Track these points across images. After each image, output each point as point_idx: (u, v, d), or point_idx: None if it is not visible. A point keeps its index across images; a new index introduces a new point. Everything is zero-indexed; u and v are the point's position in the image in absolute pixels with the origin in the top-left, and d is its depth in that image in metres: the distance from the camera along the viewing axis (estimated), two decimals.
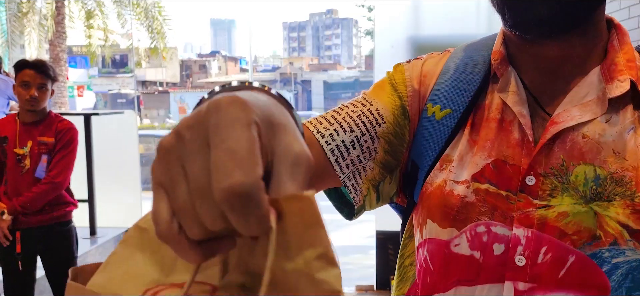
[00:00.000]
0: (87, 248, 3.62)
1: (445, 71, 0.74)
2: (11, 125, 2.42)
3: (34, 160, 2.39)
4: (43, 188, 2.38)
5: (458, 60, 0.75)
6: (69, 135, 2.47)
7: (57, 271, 2.53)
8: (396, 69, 0.79)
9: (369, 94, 0.75)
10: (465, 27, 3.78)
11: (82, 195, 3.74)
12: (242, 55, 52.55)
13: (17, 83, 2.37)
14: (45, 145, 2.41)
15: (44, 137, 2.41)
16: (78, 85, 24.74)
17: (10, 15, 10.95)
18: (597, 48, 0.65)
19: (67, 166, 2.46)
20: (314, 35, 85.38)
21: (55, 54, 11.01)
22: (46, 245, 2.48)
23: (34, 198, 2.36)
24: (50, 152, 2.42)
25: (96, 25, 11.57)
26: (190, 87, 36.52)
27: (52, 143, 2.42)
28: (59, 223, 2.50)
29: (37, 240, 2.45)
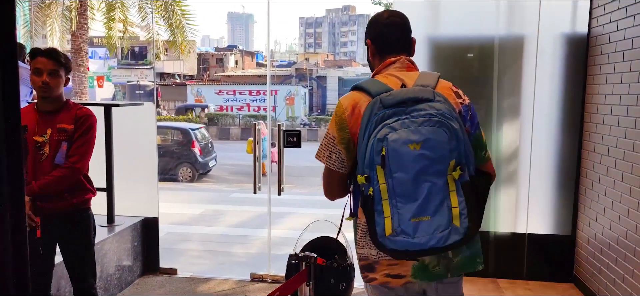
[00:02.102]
0: (104, 235, 3.70)
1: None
2: (30, 114, 2.45)
3: (54, 147, 2.41)
4: (63, 172, 2.40)
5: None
6: (89, 122, 2.48)
7: (75, 258, 2.58)
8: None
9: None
10: (485, 27, 3.77)
11: (101, 184, 3.82)
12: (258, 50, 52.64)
13: (31, 71, 2.40)
14: (64, 132, 2.43)
15: (63, 124, 2.43)
16: (98, 76, 25.08)
17: (33, 5, 11.14)
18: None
19: (86, 152, 2.47)
20: (330, 31, 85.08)
21: (77, 45, 11.19)
22: (65, 231, 2.53)
23: (53, 182, 2.38)
24: (69, 139, 2.43)
25: (116, 17, 11.71)
26: (207, 80, 36.71)
27: (72, 130, 2.44)
28: (78, 210, 2.54)
29: (57, 227, 2.50)
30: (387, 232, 1.44)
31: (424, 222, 1.42)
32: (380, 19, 1.77)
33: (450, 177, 1.43)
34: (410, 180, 1.42)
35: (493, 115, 3.78)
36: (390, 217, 1.44)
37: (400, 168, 1.43)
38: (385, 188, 1.44)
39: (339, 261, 2.37)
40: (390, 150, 1.43)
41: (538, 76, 3.70)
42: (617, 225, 3.15)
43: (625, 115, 3.08)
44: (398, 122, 1.45)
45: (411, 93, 1.51)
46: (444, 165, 1.43)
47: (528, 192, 3.80)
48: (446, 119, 1.45)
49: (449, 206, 1.43)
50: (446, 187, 1.43)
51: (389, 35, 1.74)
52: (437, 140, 1.43)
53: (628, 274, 3.00)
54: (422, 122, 1.44)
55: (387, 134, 1.44)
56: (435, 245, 1.43)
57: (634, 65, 2.98)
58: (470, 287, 3.70)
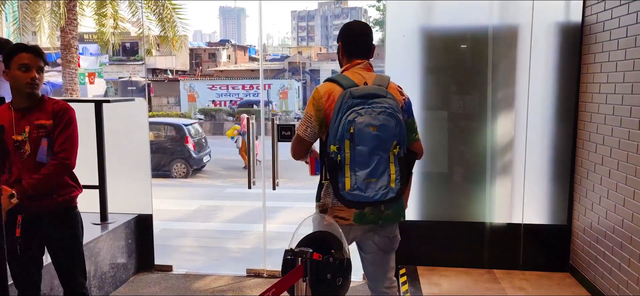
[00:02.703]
0: (98, 233, 3.66)
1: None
2: (5, 113, 2.37)
3: (34, 144, 2.35)
4: (52, 168, 2.35)
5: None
6: (68, 115, 2.41)
7: (64, 257, 2.52)
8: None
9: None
10: (478, 17, 3.75)
11: (93, 181, 3.78)
12: (251, 44, 52.40)
13: (14, 67, 2.30)
14: (43, 128, 2.36)
15: (41, 119, 2.36)
16: (89, 73, 24.87)
17: (22, 2, 10.99)
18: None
19: (72, 146, 2.41)
20: (322, 24, 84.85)
21: (67, 41, 11.07)
22: (51, 230, 2.47)
23: (44, 179, 2.33)
24: (49, 135, 2.37)
25: (108, 13, 11.59)
26: (200, 75, 36.51)
27: (51, 125, 2.37)
28: (64, 208, 2.48)
29: (43, 226, 2.44)
30: (346, 188, 2.06)
31: (372, 183, 2.05)
32: (351, 28, 2.30)
33: (392, 153, 2.06)
34: (367, 153, 2.03)
35: (487, 105, 3.76)
36: (349, 177, 2.05)
37: (361, 143, 2.02)
38: (349, 157, 2.03)
39: (335, 256, 2.35)
40: (357, 130, 2.00)
41: (532, 66, 3.68)
42: (613, 213, 3.15)
43: (620, 103, 3.07)
44: (363, 109, 2.02)
45: (371, 90, 2.07)
46: (389, 144, 2.04)
47: (523, 182, 3.80)
48: (395, 112, 2.05)
49: (389, 173, 2.06)
50: (389, 160, 2.06)
51: (358, 43, 2.26)
52: (388, 126, 2.03)
53: (624, 263, 3.01)
54: (379, 112, 2.02)
55: (355, 118, 2.01)
56: (378, 199, 2.05)
57: (629, 53, 2.97)
58: (466, 278, 3.70)
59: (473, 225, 3.87)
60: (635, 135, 2.89)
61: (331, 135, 2.05)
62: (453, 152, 3.87)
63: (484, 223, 3.86)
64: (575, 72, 3.65)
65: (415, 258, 3.93)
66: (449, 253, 3.90)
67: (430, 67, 3.79)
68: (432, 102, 3.83)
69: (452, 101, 3.83)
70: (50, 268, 2.71)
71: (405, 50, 3.77)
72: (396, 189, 2.06)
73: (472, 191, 3.86)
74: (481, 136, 3.80)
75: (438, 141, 3.86)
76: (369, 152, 2.02)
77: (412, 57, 3.78)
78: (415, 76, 3.79)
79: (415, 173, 3.88)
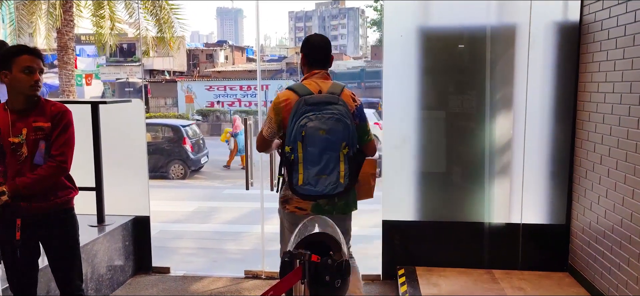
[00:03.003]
0: (95, 235, 3.64)
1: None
2: (1, 115, 2.34)
3: (31, 147, 2.33)
4: (49, 170, 2.33)
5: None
6: (66, 118, 2.40)
7: (61, 259, 2.50)
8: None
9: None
10: (476, 17, 3.74)
11: (90, 183, 3.76)
12: (249, 45, 52.38)
13: (16, 69, 2.28)
14: (41, 130, 2.34)
15: (39, 122, 2.34)
16: (86, 74, 24.81)
17: (18, 3, 10.95)
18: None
19: (69, 149, 2.40)
20: (320, 25, 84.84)
21: (64, 43, 11.03)
22: (49, 232, 2.45)
23: (39, 180, 2.31)
24: (47, 137, 2.35)
25: (105, 14, 11.55)
26: (197, 76, 36.44)
27: (49, 128, 2.35)
28: (62, 210, 2.46)
29: (40, 227, 2.42)
30: (299, 183, 2.39)
31: (322, 178, 2.37)
32: (312, 41, 2.57)
33: (341, 153, 2.36)
34: (317, 153, 2.35)
35: (485, 105, 3.75)
36: (302, 174, 2.38)
37: (312, 145, 2.34)
38: (301, 156, 2.36)
39: (334, 257, 2.34)
40: (308, 133, 2.33)
41: (530, 65, 3.67)
42: (611, 213, 3.14)
43: (618, 102, 3.06)
44: (314, 115, 2.33)
45: (323, 98, 2.38)
46: (338, 145, 2.35)
47: (522, 181, 3.79)
48: (343, 117, 2.35)
49: (338, 170, 2.37)
50: (338, 158, 2.36)
51: (317, 55, 2.53)
52: (336, 129, 2.34)
53: (623, 262, 3.00)
54: (328, 117, 2.34)
55: (307, 122, 2.33)
56: (327, 193, 2.39)
57: (627, 52, 2.96)
58: (465, 278, 3.69)
59: (472, 225, 3.86)
60: (634, 134, 2.88)
61: (287, 137, 2.39)
62: (451, 152, 3.86)
63: (483, 223, 3.85)
64: (574, 72, 3.65)
65: (413, 259, 3.92)
66: (447, 254, 3.89)
67: (428, 67, 3.78)
68: (430, 101, 3.82)
69: (450, 101, 3.82)
70: (47, 271, 2.69)
71: (403, 50, 3.76)
72: (345, 184, 2.39)
73: (471, 191, 3.85)
74: (479, 136, 3.79)
75: (436, 141, 3.85)
76: (319, 152, 2.34)
77: (409, 57, 3.77)
78: (413, 76, 3.78)
79: (413, 173, 3.88)
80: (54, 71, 15.64)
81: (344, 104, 2.37)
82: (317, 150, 2.34)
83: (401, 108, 3.82)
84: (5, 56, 2.31)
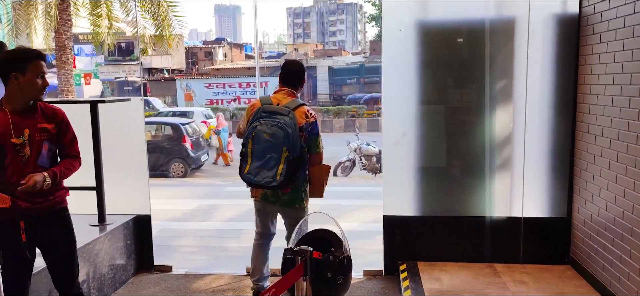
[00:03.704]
0: (96, 235, 3.64)
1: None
2: (1, 116, 2.34)
3: (35, 148, 2.35)
4: (75, 162, 2.51)
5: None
6: (66, 118, 2.53)
7: (61, 258, 2.52)
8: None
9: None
10: (475, 10, 3.73)
11: (90, 183, 3.75)
12: (247, 42, 52.30)
13: (31, 73, 2.30)
14: (46, 132, 2.39)
15: (43, 124, 2.38)
16: (85, 73, 24.78)
17: (15, 3, 10.92)
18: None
19: (77, 143, 2.57)
20: (318, 21, 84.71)
21: (61, 42, 11.01)
22: (49, 232, 2.45)
23: (71, 170, 2.48)
24: (51, 139, 2.40)
25: (102, 13, 11.52)
26: (196, 74, 36.40)
27: (53, 128, 2.41)
28: (60, 209, 2.50)
29: (40, 228, 2.42)
30: (244, 171, 2.94)
31: (262, 172, 2.87)
32: (286, 65, 3.16)
33: (283, 155, 2.83)
34: (261, 151, 2.88)
35: (485, 99, 3.74)
36: (249, 165, 2.92)
37: (257, 143, 2.90)
38: (250, 151, 2.92)
39: (335, 254, 2.34)
40: (256, 134, 2.90)
41: (530, 58, 3.66)
42: (613, 205, 3.14)
43: (619, 94, 3.06)
44: (264, 121, 2.89)
45: (276, 109, 2.93)
46: (280, 148, 2.84)
47: (523, 175, 3.79)
48: (286, 127, 2.84)
49: (277, 169, 2.84)
50: (279, 159, 2.84)
51: (286, 76, 3.11)
52: (278, 135, 2.85)
53: (625, 254, 3.00)
54: (273, 124, 2.86)
55: (257, 125, 2.90)
56: (262, 184, 2.90)
57: (627, 43, 2.96)
58: (467, 272, 3.69)
59: (473, 220, 3.86)
60: (635, 125, 2.88)
61: (244, 134, 3.00)
62: (451, 146, 3.86)
63: (484, 217, 3.85)
64: (573, 64, 3.64)
65: (415, 254, 3.92)
66: (449, 248, 3.89)
67: (427, 61, 3.77)
68: (430, 96, 3.81)
69: (450, 95, 3.81)
70: (38, 276, 2.68)
71: (402, 44, 3.75)
72: (280, 181, 2.84)
73: (472, 185, 3.85)
74: (479, 130, 3.78)
75: (436, 136, 3.84)
76: (263, 150, 2.87)
77: (408, 51, 3.76)
78: (412, 70, 3.77)
79: (414, 168, 3.88)
80: (52, 71, 15.62)
81: (293, 117, 2.87)
82: (261, 148, 2.87)
83: (401, 103, 3.81)
84: (20, 60, 2.31)
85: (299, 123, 2.90)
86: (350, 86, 31.09)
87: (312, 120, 2.99)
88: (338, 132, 21.49)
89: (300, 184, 3.04)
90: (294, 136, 2.84)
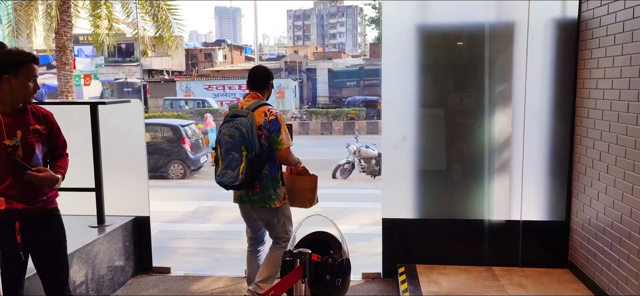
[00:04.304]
0: (95, 236, 3.64)
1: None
2: None
3: (28, 149, 2.36)
4: (67, 160, 2.57)
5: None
6: (53, 119, 2.55)
7: (53, 259, 2.52)
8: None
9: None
10: (475, 14, 3.74)
11: (90, 184, 3.76)
12: (247, 44, 52.34)
13: (25, 77, 2.31)
14: (38, 133, 2.41)
15: (35, 125, 2.41)
16: (85, 74, 24.79)
17: (15, 4, 10.93)
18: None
19: (66, 143, 2.63)
20: (318, 23, 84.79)
21: (62, 43, 11.01)
22: (42, 233, 2.46)
23: (66, 168, 2.54)
24: (43, 140, 2.44)
25: (102, 14, 11.53)
26: (196, 75, 36.42)
27: (44, 130, 2.44)
28: (52, 208, 2.52)
29: (34, 229, 2.42)
30: (216, 174, 3.03)
31: (227, 173, 2.95)
32: (252, 70, 3.19)
33: (243, 154, 2.90)
34: (224, 152, 2.98)
35: (485, 102, 3.75)
36: (219, 168, 3.01)
37: (222, 146, 3.00)
38: (219, 154, 3.02)
39: (334, 256, 2.34)
40: (220, 137, 3.01)
41: (529, 62, 3.68)
42: (611, 209, 3.15)
43: (617, 99, 3.07)
44: (227, 124, 2.99)
45: (237, 111, 3.01)
46: (239, 148, 2.91)
47: (521, 178, 3.79)
48: (241, 126, 2.92)
49: (239, 168, 2.91)
50: (240, 159, 2.91)
51: (251, 80, 3.17)
52: (234, 135, 2.92)
53: (623, 258, 3.01)
54: (231, 126, 2.95)
55: (222, 129, 3.01)
56: (227, 184, 2.97)
57: (626, 48, 2.97)
58: (465, 276, 3.69)
59: (472, 223, 3.86)
60: (633, 130, 2.89)
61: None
62: (451, 149, 3.87)
63: (483, 220, 3.86)
64: (572, 68, 3.65)
65: (414, 257, 3.92)
66: (448, 251, 3.90)
67: (427, 65, 3.78)
68: (429, 99, 3.82)
69: (449, 98, 3.82)
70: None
71: (402, 48, 3.76)
72: (242, 180, 2.90)
73: (470, 188, 3.85)
74: (479, 133, 3.79)
75: (435, 139, 3.85)
76: (225, 151, 2.97)
77: (408, 54, 3.77)
78: (412, 74, 3.78)
79: (413, 171, 3.88)
80: (52, 72, 15.62)
81: (251, 117, 2.94)
82: (224, 150, 2.98)
83: (400, 106, 3.82)
84: (14, 63, 2.31)
85: (257, 122, 2.95)
86: (350, 89, 31.12)
87: (271, 118, 2.99)
88: (337, 134, 21.51)
89: (269, 184, 3.04)
90: (249, 134, 2.89)
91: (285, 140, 3.01)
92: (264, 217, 3.13)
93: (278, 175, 3.10)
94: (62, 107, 4.13)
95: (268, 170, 3.02)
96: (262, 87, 3.16)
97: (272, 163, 3.04)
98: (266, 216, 3.12)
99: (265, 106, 3.04)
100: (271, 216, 3.11)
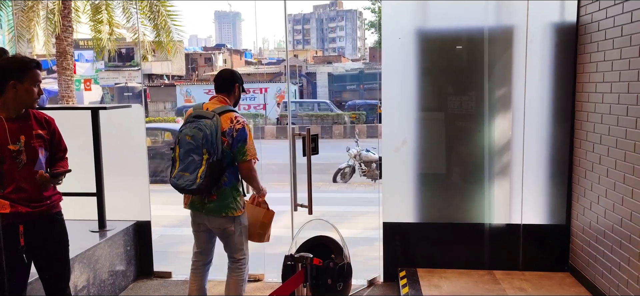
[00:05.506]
0: (96, 241, 3.64)
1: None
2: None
3: (31, 154, 2.39)
4: (67, 163, 2.61)
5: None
6: (54, 124, 2.59)
7: (55, 263, 2.54)
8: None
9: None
10: (474, 18, 3.76)
11: (91, 189, 3.76)
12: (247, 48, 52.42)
13: (29, 82, 2.35)
14: (42, 138, 2.45)
15: (38, 130, 2.45)
16: (85, 79, 24.80)
17: (17, 9, 10.96)
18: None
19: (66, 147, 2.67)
20: (318, 27, 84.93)
21: (62, 48, 11.04)
22: (46, 236, 2.47)
23: (67, 165, 2.58)
24: (46, 146, 2.48)
25: (103, 19, 11.56)
26: (196, 80, 36.44)
27: (46, 134, 2.48)
28: (56, 212, 2.54)
29: (37, 233, 2.43)
30: (172, 176, 2.83)
31: (184, 175, 2.76)
32: (218, 74, 3.06)
33: (204, 158, 2.72)
34: (183, 153, 2.79)
35: (484, 106, 3.77)
36: (176, 169, 2.81)
37: (181, 147, 2.80)
38: (177, 155, 2.82)
39: (335, 260, 2.35)
40: (180, 137, 2.82)
41: (528, 66, 3.69)
42: (611, 213, 3.16)
43: (616, 102, 3.08)
44: (188, 125, 2.81)
45: (201, 113, 2.84)
46: (200, 150, 2.74)
47: (521, 182, 3.80)
48: (205, 129, 2.74)
49: (198, 171, 2.72)
50: (200, 162, 2.73)
51: (217, 83, 3.03)
52: (197, 137, 2.75)
53: (624, 262, 3.01)
54: (195, 127, 2.77)
55: (183, 129, 2.82)
56: (183, 187, 2.76)
57: (624, 52, 2.98)
58: (466, 279, 3.70)
59: (472, 226, 3.87)
60: (632, 133, 2.90)
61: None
62: (450, 153, 3.88)
63: (483, 224, 3.86)
64: (571, 72, 3.66)
65: (414, 260, 3.93)
66: (448, 255, 3.90)
67: (426, 68, 3.80)
68: (429, 103, 3.83)
69: (449, 102, 3.83)
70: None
71: (401, 52, 3.78)
72: (199, 184, 2.71)
73: (471, 192, 3.86)
74: (479, 137, 3.80)
75: (435, 142, 3.86)
76: (185, 153, 2.78)
77: (408, 58, 3.78)
78: (411, 77, 3.80)
79: (413, 174, 3.89)
80: (53, 77, 15.64)
81: (216, 120, 2.78)
82: (183, 150, 2.80)
83: (400, 109, 3.83)
84: (19, 69, 2.35)
85: (223, 127, 2.79)
86: (350, 92, 31.13)
87: (238, 127, 2.83)
88: (338, 138, 21.50)
89: (228, 192, 2.86)
90: (213, 137, 2.72)
91: (250, 151, 2.86)
92: (219, 225, 2.92)
93: (238, 184, 2.93)
94: (64, 112, 4.14)
95: (228, 177, 2.85)
96: (228, 90, 3.00)
97: (232, 171, 2.88)
98: (222, 223, 2.91)
99: (232, 113, 2.88)
100: (228, 224, 2.91)
